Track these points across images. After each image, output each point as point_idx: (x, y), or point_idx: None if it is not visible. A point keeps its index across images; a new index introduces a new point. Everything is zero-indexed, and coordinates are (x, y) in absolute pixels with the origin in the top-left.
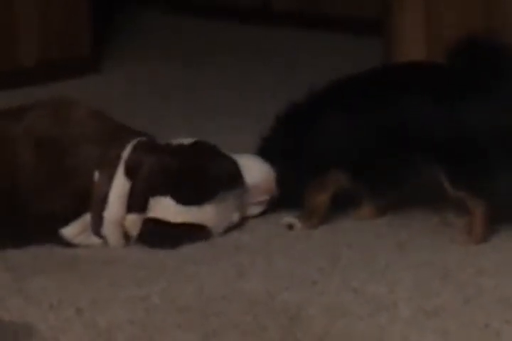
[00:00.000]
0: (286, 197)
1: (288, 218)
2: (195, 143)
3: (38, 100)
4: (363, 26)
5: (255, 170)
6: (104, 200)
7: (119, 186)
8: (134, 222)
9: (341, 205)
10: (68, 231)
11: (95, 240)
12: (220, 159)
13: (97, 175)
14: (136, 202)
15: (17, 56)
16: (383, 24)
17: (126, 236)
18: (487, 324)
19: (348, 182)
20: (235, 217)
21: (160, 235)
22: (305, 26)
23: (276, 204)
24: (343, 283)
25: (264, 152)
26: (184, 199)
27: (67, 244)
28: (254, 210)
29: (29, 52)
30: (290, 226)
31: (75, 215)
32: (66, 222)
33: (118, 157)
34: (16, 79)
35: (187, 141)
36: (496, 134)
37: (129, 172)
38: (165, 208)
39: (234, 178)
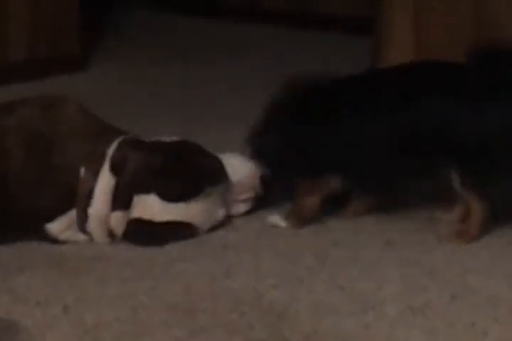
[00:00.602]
0: (273, 195)
1: (273, 217)
2: (179, 142)
3: (27, 97)
4: (357, 25)
5: (239, 168)
6: (89, 196)
7: (105, 183)
8: (118, 219)
9: (329, 203)
10: (54, 227)
11: (82, 236)
12: (204, 156)
13: (82, 171)
14: (120, 200)
15: (6, 53)
16: (374, 23)
17: (111, 234)
18: (473, 322)
19: (345, 185)
20: (221, 214)
21: (145, 235)
22: (296, 25)
23: (262, 202)
24: (330, 281)
25: (258, 148)
26: (169, 196)
27: (54, 240)
28: (240, 208)
29: (18, 49)
30: (274, 226)
31: (61, 211)
32: (52, 217)
33: (103, 154)
34: (5, 76)
35: (171, 139)
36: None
37: (114, 169)
38: (150, 206)
39: (219, 174)
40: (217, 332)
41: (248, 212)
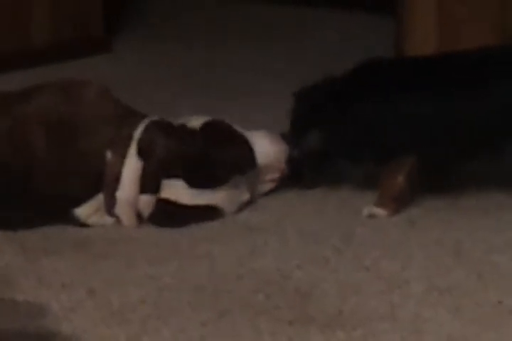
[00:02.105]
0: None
1: (369, 208)
2: (208, 124)
3: (50, 81)
4: (378, 4)
5: (267, 149)
6: (116, 180)
7: (132, 166)
8: (146, 202)
9: (356, 184)
10: (82, 212)
11: (108, 220)
12: (234, 142)
13: (109, 154)
14: (149, 184)
15: (29, 36)
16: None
17: (138, 217)
18: (500, 301)
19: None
20: (246, 197)
21: (171, 215)
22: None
23: (286, 182)
24: (355, 261)
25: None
26: (197, 183)
27: (81, 224)
28: (266, 188)
29: (41, 32)
30: (374, 216)
31: (88, 195)
32: (79, 202)
33: (130, 137)
34: (28, 59)
35: (201, 120)
36: None
37: (142, 153)
38: (177, 190)
39: (248, 163)
40: (242, 313)
41: (270, 191)
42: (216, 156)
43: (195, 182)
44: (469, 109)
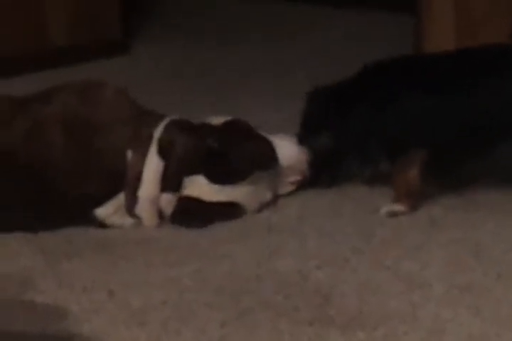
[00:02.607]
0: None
1: (386, 207)
2: (229, 123)
3: (67, 82)
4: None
5: (290, 151)
6: (138, 179)
7: (153, 165)
8: (168, 201)
9: (375, 184)
10: (102, 212)
11: (128, 220)
12: (254, 139)
13: (129, 154)
14: (170, 182)
15: (47, 37)
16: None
17: (159, 216)
18: None
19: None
20: (268, 196)
21: (193, 213)
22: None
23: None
24: (375, 261)
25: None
26: (217, 179)
27: (101, 224)
28: (287, 189)
29: (58, 34)
30: (393, 214)
31: (109, 195)
32: (100, 202)
33: (150, 136)
34: (46, 61)
35: (221, 119)
36: None
37: (163, 152)
38: (199, 186)
39: (268, 159)
40: (262, 314)
41: (291, 193)
42: (236, 152)
43: (216, 177)
44: (484, 102)
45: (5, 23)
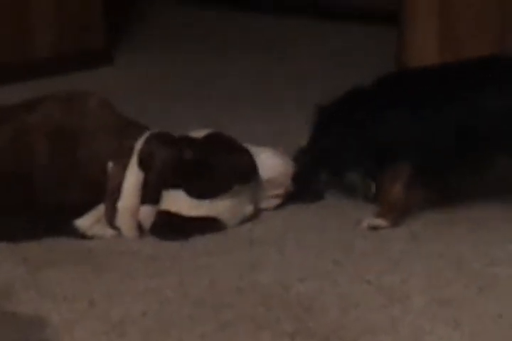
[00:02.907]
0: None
1: (369, 220)
2: (210, 136)
3: (52, 92)
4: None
5: (272, 164)
6: (118, 191)
7: (133, 177)
8: (147, 213)
9: (355, 197)
10: (82, 223)
11: (109, 231)
12: (235, 153)
13: (110, 165)
14: (149, 194)
15: (31, 48)
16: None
17: (139, 228)
18: (500, 314)
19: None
20: (249, 210)
21: (172, 227)
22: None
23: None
24: (356, 275)
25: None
26: (196, 193)
27: (82, 235)
28: (270, 203)
29: (43, 44)
30: (374, 228)
31: (89, 206)
32: (80, 213)
33: (131, 148)
34: (30, 71)
35: (202, 132)
36: None
37: (142, 164)
38: (178, 201)
39: (248, 173)
40: (244, 327)
41: (277, 207)
42: (216, 165)
43: (195, 191)
44: (469, 117)
45: None
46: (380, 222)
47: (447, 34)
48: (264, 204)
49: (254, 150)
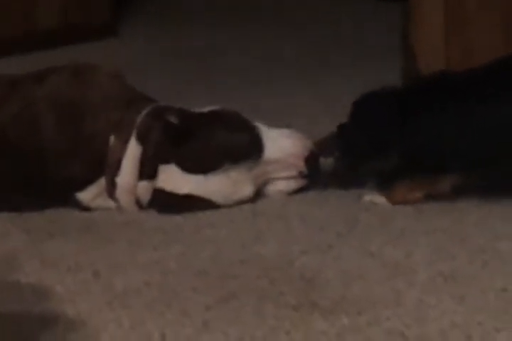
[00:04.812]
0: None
1: (370, 196)
2: (213, 111)
3: (60, 64)
4: None
5: (281, 144)
6: (117, 166)
7: (132, 152)
8: (144, 189)
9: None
10: (84, 196)
11: (112, 203)
12: (235, 130)
13: (112, 139)
14: (146, 169)
15: (37, 19)
16: None
17: (138, 203)
18: (504, 288)
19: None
20: (247, 192)
21: (167, 206)
22: None
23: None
24: (359, 248)
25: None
26: (187, 165)
27: (84, 208)
28: (281, 186)
29: (49, 16)
30: (373, 202)
31: (91, 180)
32: (82, 186)
33: (133, 122)
34: (36, 43)
35: (209, 108)
36: None
37: (140, 138)
38: (170, 176)
39: (244, 151)
40: (246, 299)
41: (299, 191)
42: (208, 139)
43: (185, 163)
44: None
45: None
46: (381, 200)
47: (454, 15)
48: (273, 187)
49: (264, 129)
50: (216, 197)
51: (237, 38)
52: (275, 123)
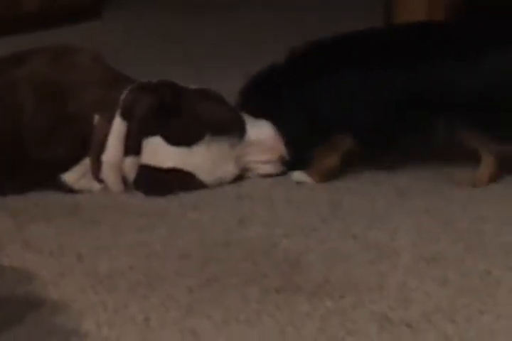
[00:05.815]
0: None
1: (297, 174)
2: (196, 88)
3: (37, 47)
4: None
5: (261, 128)
6: (102, 144)
7: (117, 128)
8: (130, 165)
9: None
10: (69, 177)
11: (96, 185)
12: (215, 103)
13: (96, 118)
14: (131, 145)
15: (19, 2)
16: None
17: (124, 181)
18: (488, 271)
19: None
20: (229, 170)
21: (152, 182)
22: None
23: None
24: (343, 230)
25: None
26: (170, 136)
27: (69, 190)
28: (263, 169)
29: None
30: (299, 182)
31: (75, 160)
32: (66, 167)
33: (117, 101)
34: (18, 25)
35: (193, 87)
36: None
37: (124, 113)
38: (155, 150)
39: (226, 125)
40: (230, 281)
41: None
42: (191, 110)
43: (169, 134)
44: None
45: None
46: (307, 178)
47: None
48: (256, 170)
49: (247, 115)
50: (200, 171)
51: (219, 20)
52: None
